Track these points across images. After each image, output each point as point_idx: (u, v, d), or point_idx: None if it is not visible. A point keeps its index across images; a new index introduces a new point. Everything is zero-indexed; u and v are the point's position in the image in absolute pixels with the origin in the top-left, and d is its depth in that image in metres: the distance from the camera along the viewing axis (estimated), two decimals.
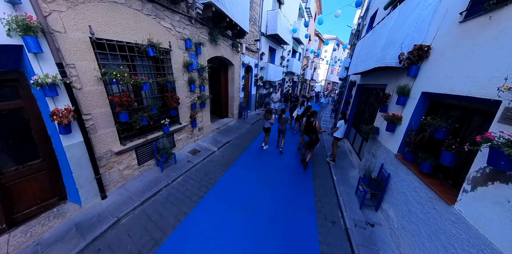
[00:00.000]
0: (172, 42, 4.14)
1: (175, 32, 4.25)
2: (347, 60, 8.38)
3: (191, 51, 4.80)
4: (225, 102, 7.96)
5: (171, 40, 4.11)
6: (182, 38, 4.46)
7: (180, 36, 4.41)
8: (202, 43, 4.84)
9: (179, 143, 5.07)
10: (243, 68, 7.99)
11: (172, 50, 4.17)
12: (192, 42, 4.62)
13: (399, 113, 3.01)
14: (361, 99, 6.04)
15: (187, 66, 4.66)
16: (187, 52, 4.69)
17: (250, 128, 7.54)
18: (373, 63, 3.52)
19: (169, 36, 4.08)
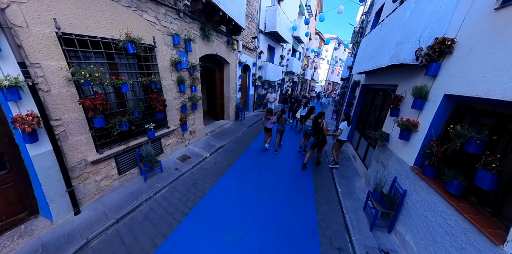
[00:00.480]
0: (157, 37, 3.72)
1: (160, 26, 3.83)
2: (349, 59, 7.95)
3: (180, 48, 4.37)
4: (220, 103, 7.53)
5: (155, 35, 3.69)
6: (169, 34, 4.03)
7: (167, 31, 3.98)
8: (192, 39, 4.40)
9: (167, 148, 4.65)
10: (240, 67, 7.55)
11: (157, 47, 3.76)
12: (181, 38, 4.19)
13: (415, 119, 2.58)
14: (366, 101, 5.60)
15: (176, 65, 4.24)
16: (175, 49, 4.26)
17: (246, 131, 7.11)
18: (383, 61, 3.09)
19: (153, 31, 3.66)
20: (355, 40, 8.98)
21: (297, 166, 4.66)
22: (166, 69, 4.11)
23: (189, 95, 4.97)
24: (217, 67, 6.80)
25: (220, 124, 7.20)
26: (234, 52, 6.83)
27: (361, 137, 5.24)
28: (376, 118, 4.44)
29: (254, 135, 6.78)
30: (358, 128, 5.80)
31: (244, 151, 5.35)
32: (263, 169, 4.40)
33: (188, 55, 4.62)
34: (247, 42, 7.71)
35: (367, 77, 5.26)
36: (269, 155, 5.19)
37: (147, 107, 3.77)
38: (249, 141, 6.15)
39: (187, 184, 3.71)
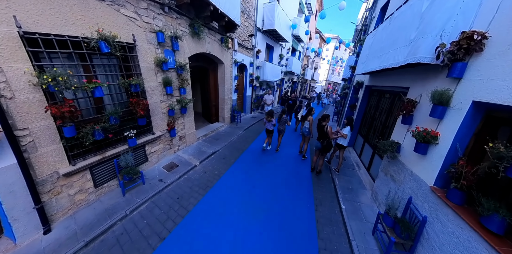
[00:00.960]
0: (137, 35, 3.33)
1: (141, 23, 3.43)
2: (351, 59, 7.52)
3: (165, 46, 3.97)
4: (215, 105, 7.11)
5: (136, 32, 3.31)
6: (152, 31, 3.63)
7: (150, 28, 3.58)
8: (179, 36, 3.99)
9: (153, 156, 4.24)
10: (236, 67, 7.13)
11: (138, 46, 3.38)
12: (166, 35, 3.79)
13: (433, 129, 2.16)
14: (370, 103, 5.18)
15: (161, 65, 3.84)
16: (161, 47, 3.86)
17: (242, 135, 6.69)
18: (394, 60, 2.67)
19: (133, 28, 3.27)
20: (357, 39, 8.55)
21: (296, 175, 4.25)
22: (149, 70, 3.72)
23: (178, 98, 4.57)
24: (210, 67, 6.38)
25: (214, 127, 6.78)
26: (228, 51, 6.41)
27: (365, 143, 4.82)
28: (383, 124, 4.02)
29: (250, 139, 6.36)
30: (361, 132, 5.38)
31: (237, 157, 4.93)
32: (257, 179, 3.98)
33: (175, 55, 4.22)
34: (244, 40, 7.29)
35: (372, 78, 4.84)
36: (264, 162, 4.77)
37: (127, 112, 3.38)
38: (244, 146, 5.73)
39: (170, 199, 3.29)
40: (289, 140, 6.51)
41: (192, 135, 5.44)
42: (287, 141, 6.42)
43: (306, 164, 4.87)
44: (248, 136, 6.62)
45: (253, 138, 6.42)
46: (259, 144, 5.97)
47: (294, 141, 6.61)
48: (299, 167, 4.66)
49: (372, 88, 5.09)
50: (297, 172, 4.40)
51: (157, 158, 4.40)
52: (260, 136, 6.73)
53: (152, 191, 3.46)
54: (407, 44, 2.41)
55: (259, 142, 6.09)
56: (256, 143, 6.04)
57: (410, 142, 2.51)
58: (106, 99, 3.20)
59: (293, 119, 8.05)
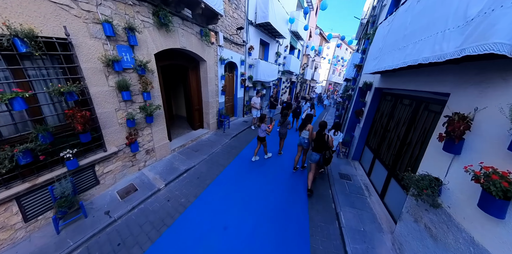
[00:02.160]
0: (74, 27, 2.53)
1: (79, 11, 2.56)
2: (356, 56, 6.54)
3: (119, 41, 3.08)
4: (198, 109, 6.15)
5: (71, 24, 2.51)
6: (97, 21, 2.74)
7: (93, 18, 2.71)
8: (136, 28, 3.10)
9: (107, 177, 3.35)
10: (222, 65, 6.17)
11: (76, 41, 2.56)
12: (117, 26, 2.90)
13: None
14: (381, 110, 4.21)
15: (112, 65, 2.95)
16: (111, 43, 2.98)
17: (228, 144, 5.73)
18: (435, 49, 1.71)
19: (67, 18, 2.48)
20: (362, 34, 7.56)
21: (288, 201, 3.29)
22: (96, 71, 2.86)
23: (141, 105, 3.65)
24: (191, 66, 5.42)
25: (196, 135, 5.83)
26: (211, 46, 5.44)
27: (376, 159, 3.85)
28: (401, 139, 3.05)
29: (237, 149, 5.40)
30: (369, 144, 4.41)
31: (215, 177, 3.98)
32: (233, 213, 3.01)
33: (134, 51, 3.33)
34: (232, 34, 6.32)
35: (384, 79, 3.87)
36: (250, 183, 3.81)
37: (68, 127, 2.60)
38: (228, 159, 4.77)
39: (109, 245, 2.35)
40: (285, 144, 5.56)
41: (164, 147, 4.49)
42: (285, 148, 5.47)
43: (302, 183, 3.91)
44: (235, 145, 5.65)
45: (240, 149, 5.45)
46: (246, 156, 5.01)
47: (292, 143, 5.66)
48: (293, 189, 3.69)
49: (384, 91, 4.12)
50: (290, 200, 3.43)
51: (113, 179, 3.48)
52: (250, 145, 5.78)
53: (92, 229, 2.57)
54: (463, 23, 1.44)
55: (247, 154, 5.14)
56: (243, 155, 5.08)
57: (463, 184, 1.55)
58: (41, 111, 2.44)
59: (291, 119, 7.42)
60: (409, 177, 1.84)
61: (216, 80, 6.07)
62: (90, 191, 3.13)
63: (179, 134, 5.90)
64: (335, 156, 5.05)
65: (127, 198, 3.20)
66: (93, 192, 3.17)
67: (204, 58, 5.29)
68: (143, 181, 3.70)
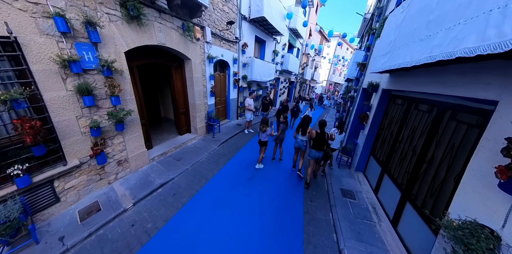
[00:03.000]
0: (18, 23, 2.08)
1: (24, 3, 2.16)
2: (359, 54, 5.95)
3: (78, 38, 2.57)
4: (184, 112, 5.57)
5: (15, 20, 2.07)
6: (48, 15, 2.24)
7: (42, 12, 2.22)
8: (96, 22, 2.57)
9: (69, 193, 2.92)
10: (211, 64, 5.58)
11: (23, 39, 2.15)
12: (73, 21, 2.42)
13: None
14: (389, 115, 3.62)
15: (69, 66, 2.45)
16: (69, 40, 2.52)
17: (216, 151, 5.14)
18: (485, 37, 1.11)
19: (9, 12, 2.03)
20: (365, 30, 6.97)
21: (278, 231, 2.71)
22: (50, 74, 2.40)
23: (109, 110, 3.10)
24: (174, 65, 4.84)
25: (181, 141, 5.25)
26: (197, 43, 4.87)
27: (384, 174, 3.26)
28: (418, 153, 2.46)
29: (225, 158, 4.82)
30: (376, 154, 3.81)
31: (195, 193, 3.40)
32: (210, 245, 2.43)
33: (98, 49, 2.82)
34: (222, 30, 5.73)
35: (394, 79, 3.27)
36: (233, 203, 3.22)
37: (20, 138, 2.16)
38: (213, 170, 4.19)
39: None
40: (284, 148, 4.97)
41: (140, 156, 3.92)
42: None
43: (299, 203, 3.32)
44: (224, 153, 5.06)
45: (229, 157, 4.86)
46: (236, 165, 4.43)
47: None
48: (286, 222, 3.10)
49: (394, 93, 3.53)
50: (281, 230, 2.84)
51: (76, 195, 2.98)
52: (241, 152, 5.19)
53: None
54: None
55: (236, 163, 4.56)
56: (232, 164, 4.50)
57: None
58: None
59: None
60: (448, 225, 1.25)
61: (203, 80, 5.49)
62: (49, 210, 2.66)
63: (162, 140, 5.33)
64: (336, 166, 4.46)
65: (87, 220, 2.66)
66: (53, 211, 2.70)
67: (188, 56, 4.71)
68: (110, 198, 3.14)
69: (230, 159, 4.75)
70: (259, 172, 4.20)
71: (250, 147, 5.58)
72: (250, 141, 6.09)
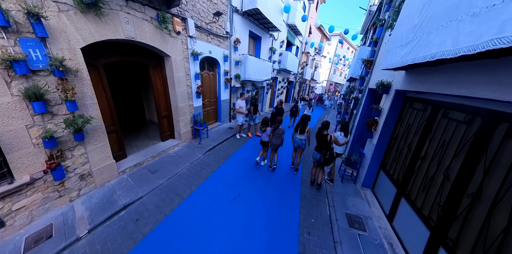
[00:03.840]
0: None
1: None
2: (364, 50, 5.28)
3: (23, 33, 2.09)
4: (166, 116, 4.93)
5: None
6: None
7: None
8: (38, 12, 1.95)
9: (17, 215, 2.48)
10: (196, 61, 4.93)
11: None
12: (9, 13, 1.83)
13: None
14: (404, 123, 2.95)
15: (11, 66, 1.82)
16: (11, 35, 2.07)
17: (200, 161, 4.48)
18: None
19: None
20: (371, 23, 6.30)
21: None
22: None
23: (65, 117, 2.48)
24: (152, 63, 4.20)
25: (162, 148, 4.61)
26: (178, 37, 4.22)
27: (402, 198, 2.59)
28: (453, 180, 1.80)
29: (210, 168, 4.17)
30: (387, 168, 3.15)
31: (163, 218, 2.74)
32: None
33: (47, 45, 2.21)
34: (209, 23, 5.07)
35: (412, 77, 2.61)
36: (211, 234, 2.57)
37: None
38: (192, 185, 3.54)
39: None
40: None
41: (107, 169, 3.29)
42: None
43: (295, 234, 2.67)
44: (208, 162, 4.40)
45: (214, 167, 4.20)
46: (221, 178, 3.78)
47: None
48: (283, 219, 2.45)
49: (410, 95, 2.86)
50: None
51: (28, 217, 2.49)
52: (229, 161, 4.54)
53: None
54: None
55: (223, 175, 3.90)
56: (216, 177, 3.84)
57: None
58: None
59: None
60: None
61: (187, 80, 4.84)
62: None
63: (141, 147, 4.69)
64: (339, 181, 3.79)
65: (32, 251, 2.06)
66: None
67: (167, 53, 4.06)
68: (67, 220, 2.55)
69: (215, 170, 4.09)
70: (247, 188, 3.54)
71: (241, 155, 4.93)
72: (241, 147, 5.43)
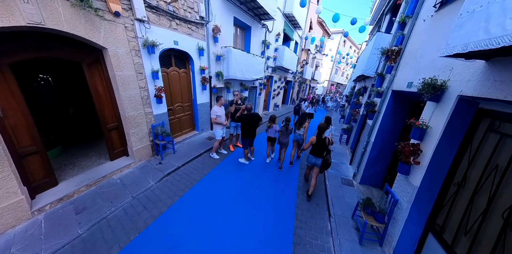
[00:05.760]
0: None
1: None
2: (382, 38, 3.92)
3: None
4: (115, 128, 3.65)
5: None
6: None
7: None
8: None
9: None
10: (152, 55, 3.62)
11: None
12: None
13: None
14: (481, 160, 1.60)
15: None
16: None
17: (151, 191, 3.15)
18: None
19: None
20: (387, 8, 4.94)
21: None
22: None
23: None
24: (87, 60, 2.95)
25: (107, 171, 3.36)
26: (117, 20, 2.92)
27: None
28: None
29: (157, 208, 2.83)
30: (442, 231, 1.82)
31: None
32: None
33: None
34: (170, 2, 3.75)
35: (499, 73, 1.27)
36: None
37: None
38: (120, 240, 2.23)
39: None
40: None
41: (10, 209, 2.24)
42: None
43: None
44: (158, 196, 3.03)
45: (165, 205, 2.84)
46: (166, 229, 2.45)
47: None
48: None
49: (485, 107, 1.53)
50: None
51: None
52: (192, 193, 3.21)
53: None
54: None
55: (172, 221, 2.58)
56: (160, 225, 2.52)
57: None
58: None
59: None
60: None
61: (140, 80, 3.54)
62: None
63: (85, 168, 3.49)
64: (357, 241, 2.42)
65: None
66: None
67: (100, 44, 2.79)
68: None
69: (163, 212, 2.75)
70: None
71: (212, 181, 3.59)
72: (216, 167, 4.09)
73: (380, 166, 3.25)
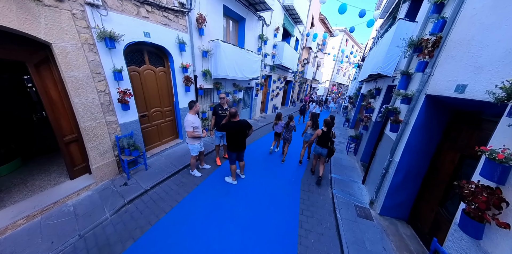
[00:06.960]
0: None
1: None
2: (404, 27, 3.11)
3: None
4: (75, 140, 2.91)
5: None
6: None
7: None
8: None
9: None
10: (113, 49, 2.84)
11: None
12: None
13: None
14: None
15: None
16: None
17: (104, 227, 2.40)
18: None
19: None
20: None
21: None
22: None
23: None
24: (34, 60, 2.22)
25: (59, 196, 2.65)
26: (61, 6, 2.16)
27: None
28: None
29: (118, 245, 2.10)
30: None
31: None
32: None
33: None
34: None
35: None
36: None
37: None
38: None
39: None
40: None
41: None
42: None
43: None
44: (109, 239, 2.26)
45: (122, 247, 2.12)
46: None
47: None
48: None
49: None
50: None
51: None
52: (159, 227, 2.45)
53: None
54: None
55: None
56: None
57: None
58: None
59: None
60: None
61: (99, 82, 2.78)
62: None
63: (34, 190, 2.82)
64: None
65: None
66: None
67: (41, 37, 2.07)
68: None
69: (130, 246, 2.02)
70: None
71: (187, 209, 2.81)
72: (195, 189, 3.31)
73: (407, 194, 2.48)
